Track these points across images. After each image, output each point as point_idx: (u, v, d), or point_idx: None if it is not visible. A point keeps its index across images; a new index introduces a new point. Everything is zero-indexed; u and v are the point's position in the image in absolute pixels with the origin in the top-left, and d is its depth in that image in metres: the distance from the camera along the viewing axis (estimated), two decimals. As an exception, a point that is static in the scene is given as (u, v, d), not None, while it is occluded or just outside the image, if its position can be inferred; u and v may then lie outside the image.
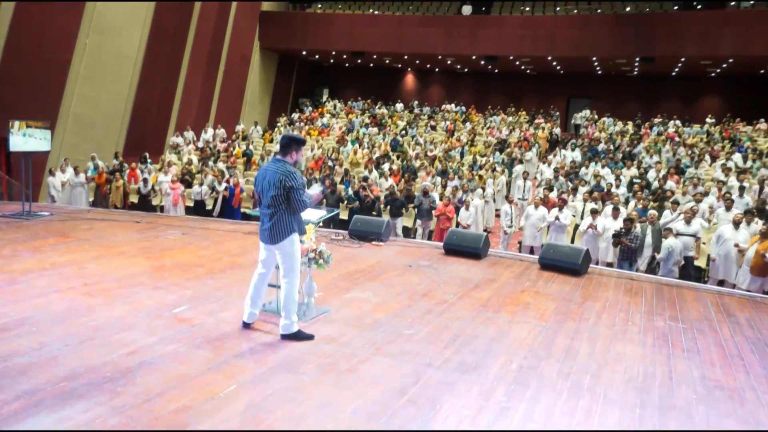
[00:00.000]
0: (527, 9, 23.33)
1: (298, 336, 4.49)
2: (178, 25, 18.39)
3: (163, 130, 18.66)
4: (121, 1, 15.83)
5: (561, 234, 10.57)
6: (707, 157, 15.73)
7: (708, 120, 20.96)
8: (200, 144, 18.16)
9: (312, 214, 5.00)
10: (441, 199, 11.89)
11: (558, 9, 22.58)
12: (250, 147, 17.36)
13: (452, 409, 3.49)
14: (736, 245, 9.01)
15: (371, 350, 4.35)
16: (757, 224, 9.77)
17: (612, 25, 19.60)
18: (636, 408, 3.64)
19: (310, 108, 25.21)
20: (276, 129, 21.06)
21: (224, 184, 13.11)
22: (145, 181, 12.97)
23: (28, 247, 7.00)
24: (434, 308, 5.44)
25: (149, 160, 15.18)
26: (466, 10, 22.29)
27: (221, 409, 3.36)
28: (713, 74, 21.95)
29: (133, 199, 13.59)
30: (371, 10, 24.78)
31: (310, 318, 4.95)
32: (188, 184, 13.69)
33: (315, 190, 4.65)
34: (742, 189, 12.03)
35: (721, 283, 9.17)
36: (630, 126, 21.46)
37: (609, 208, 10.78)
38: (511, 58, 21.54)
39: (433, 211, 11.73)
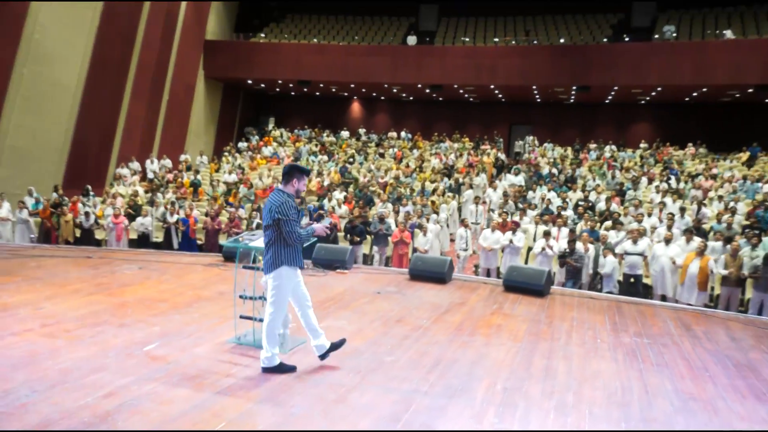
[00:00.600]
0: (467, 39, 24.13)
1: (281, 368, 4.40)
2: (120, 54, 17.94)
3: (105, 161, 18.00)
4: (63, 13, 15.33)
5: (515, 256, 10.87)
6: (644, 179, 16.56)
7: (641, 145, 22.14)
8: (150, 175, 17.61)
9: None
10: (396, 225, 12.05)
11: (497, 40, 23.48)
12: (198, 177, 17.00)
13: (448, 434, 3.51)
14: (672, 260, 9.55)
15: (356, 379, 4.31)
16: (695, 242, 10.38)
17: (550, 55, 20.53)
18: (621, 423, 3.76)
19: (257, 137, 25.01)
20: (223, 158, 20.75)
21: (176, 216, 12.79)
22: (87, 214, 12.45)
23: (-27, 288, 6.58)
24: (410, 334, 5.46)
25: (92, 193, 14.60)
26: (411, 40, 22.82)
27: (214, 448, 3.25)
28: (643, 102, 23.27)
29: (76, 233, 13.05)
30: (316, 40, 24.99)
31: (289, 349, 4.88)
32: (132, 217, 13.27)
33: (324, 224, 4.59)
34: (682, 210, 12.75)
35: (663, 298, 9.65)
36: (569, 151, 22.39)
37: (559, 231, 11.20)
38: (456, 86, 22.14)
39: (390, 237, 11.83)
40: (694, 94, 20.59)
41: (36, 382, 4.07)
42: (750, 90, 18.73)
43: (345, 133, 25.64)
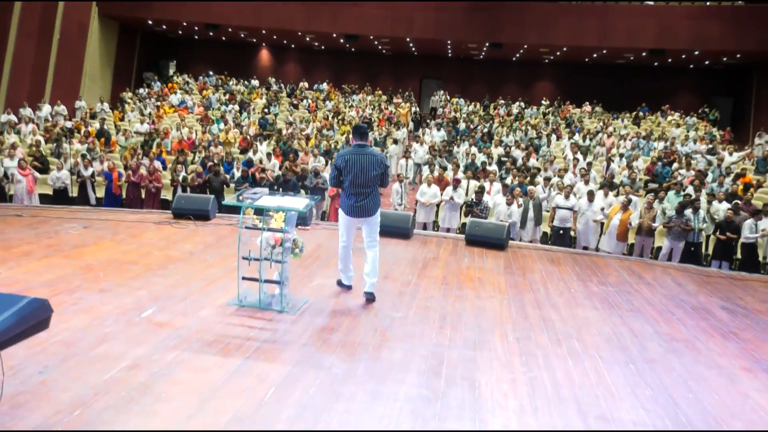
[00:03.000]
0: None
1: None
2: (2, -15, 15.84)
3: (-11, 107, 16.06)
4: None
5: (454, 212, 11.26)
6: (553, 136, 17.59)
7: (543, 102, 23.35)
8: (60, 123, 15.84)
9: (297, 202, 4.83)
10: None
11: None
12: (106, 126, 15.66)
13: (490, 384, 3.72)
14: (595, 221, 10.38)
15: (378, 337, 4.40)
16: (610, 197, 11.32)
17: (465, 10, 20.76)
18: (629, 364, 4.18)
19: (159, 83, 23.34)
20: (126, 106, 19.20)
21: (90, 169, 11.81)
22: (-6, 167, 11.18)
23: None
24: (404, 290, 5.60)
25: (-15, 143, 13.03)
26: (326, -14, 22.07)
27: (278, 413, 3.23)
28: (547, 61, 24.42)
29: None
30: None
31: (298, 310, 4.83)
32: (40, 170, 12.11)
33: None
34: (589, 165, 13.79)
35: (585, 248, 10.51)
36: (479, 106, 23.14)
37: (491, 185, 11.72)
38: (371, 37, 21.88)
39: (327, 192, 11.78)
40: (594, 55, 21.91)
41: (41, 357, 3.76)
42: (644, 54, 20.26)
43: (255, 82, 24.65)
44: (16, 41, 16.51)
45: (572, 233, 10.92)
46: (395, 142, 16.64)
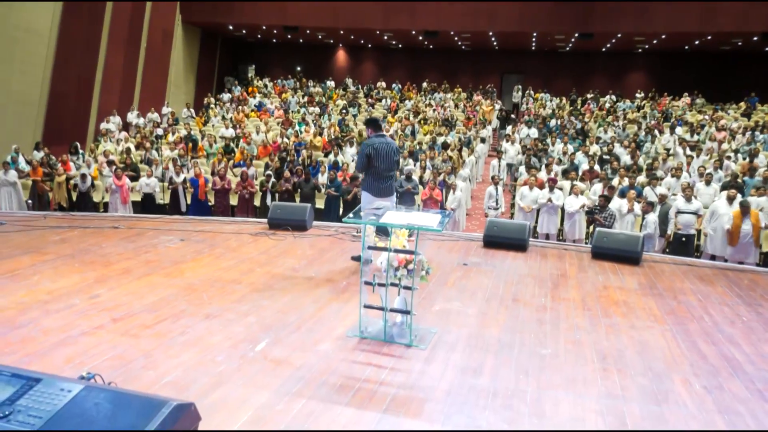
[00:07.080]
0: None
1: None
2: (93, -5, 16.15)
3: (84, 115, 16.42)
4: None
5: (553, 216, 10.36)
6: (656, 132, 16.18)
7: (637, 95, 21.74)
8: (152, 130, 16.10)
9: (428, 219, 4.15)
10: (422, 183, 11.46)
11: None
12: (193, 132, 15.68)
13: (698, 457, 2.92)
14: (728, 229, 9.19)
15: (531, 383, 3.65)
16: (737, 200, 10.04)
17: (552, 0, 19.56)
18: None
19: (239, 87, 23.47)
20: (210, 111, 19.32)
21: (182, 176, 11.70)
22: (84, 176, 11.23)
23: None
24: (540, 317, 4.83)
25: (81, 151, 13.25)
26: (404, -17, 21.43)
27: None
28: (640, 50, 22.75)
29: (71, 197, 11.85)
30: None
31: (428, 343, 4.17)
32: (133, 177, 12.13)
33: None
34: (691, 158, 12.48)
35: (713, 258, 9.31)
36: (565, 101, 21.82)
37: (598, 187, 10.72)
38: (452, 33, 21.05)
39: (417, 196, 11.15)
40: (696, 42, 20.13)
41: (153, 403, 3.25)
42: (755, 38, 18.37)
43: (331, 83, 24.37)
44: (107, 49, 16.82)
45: (696, 240, 9.76)
46: (482, 140, 15.76)
